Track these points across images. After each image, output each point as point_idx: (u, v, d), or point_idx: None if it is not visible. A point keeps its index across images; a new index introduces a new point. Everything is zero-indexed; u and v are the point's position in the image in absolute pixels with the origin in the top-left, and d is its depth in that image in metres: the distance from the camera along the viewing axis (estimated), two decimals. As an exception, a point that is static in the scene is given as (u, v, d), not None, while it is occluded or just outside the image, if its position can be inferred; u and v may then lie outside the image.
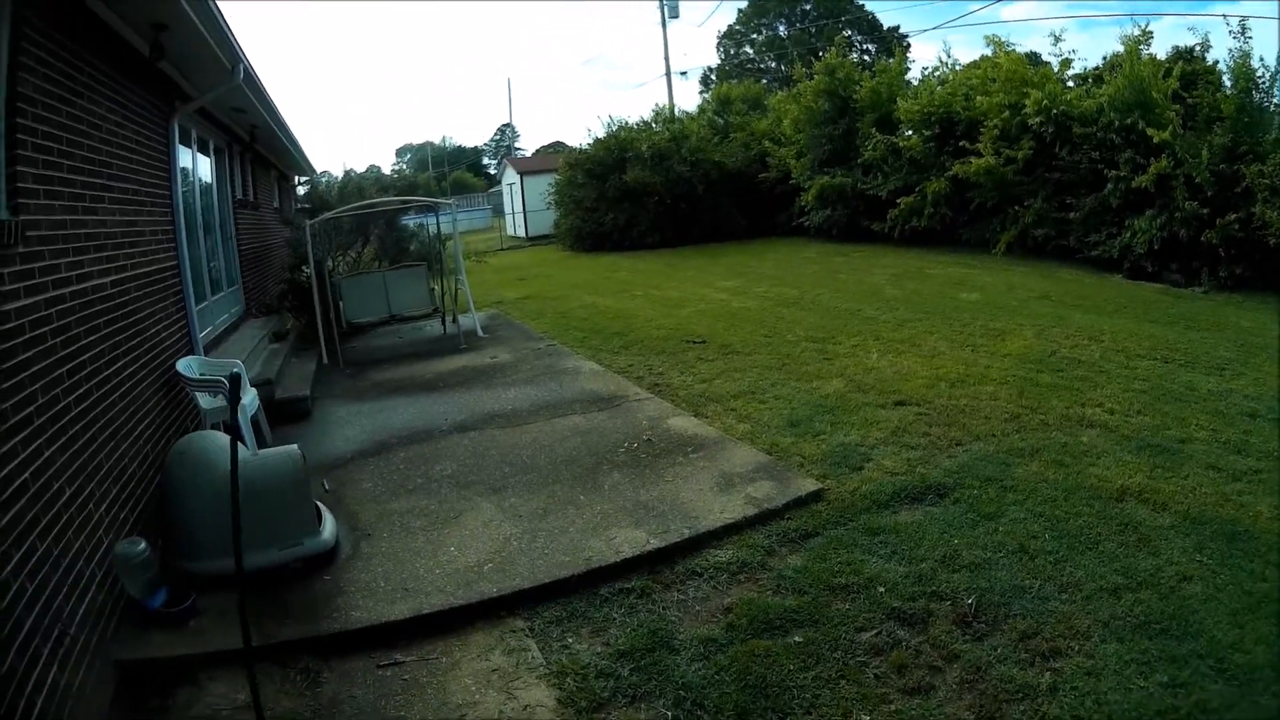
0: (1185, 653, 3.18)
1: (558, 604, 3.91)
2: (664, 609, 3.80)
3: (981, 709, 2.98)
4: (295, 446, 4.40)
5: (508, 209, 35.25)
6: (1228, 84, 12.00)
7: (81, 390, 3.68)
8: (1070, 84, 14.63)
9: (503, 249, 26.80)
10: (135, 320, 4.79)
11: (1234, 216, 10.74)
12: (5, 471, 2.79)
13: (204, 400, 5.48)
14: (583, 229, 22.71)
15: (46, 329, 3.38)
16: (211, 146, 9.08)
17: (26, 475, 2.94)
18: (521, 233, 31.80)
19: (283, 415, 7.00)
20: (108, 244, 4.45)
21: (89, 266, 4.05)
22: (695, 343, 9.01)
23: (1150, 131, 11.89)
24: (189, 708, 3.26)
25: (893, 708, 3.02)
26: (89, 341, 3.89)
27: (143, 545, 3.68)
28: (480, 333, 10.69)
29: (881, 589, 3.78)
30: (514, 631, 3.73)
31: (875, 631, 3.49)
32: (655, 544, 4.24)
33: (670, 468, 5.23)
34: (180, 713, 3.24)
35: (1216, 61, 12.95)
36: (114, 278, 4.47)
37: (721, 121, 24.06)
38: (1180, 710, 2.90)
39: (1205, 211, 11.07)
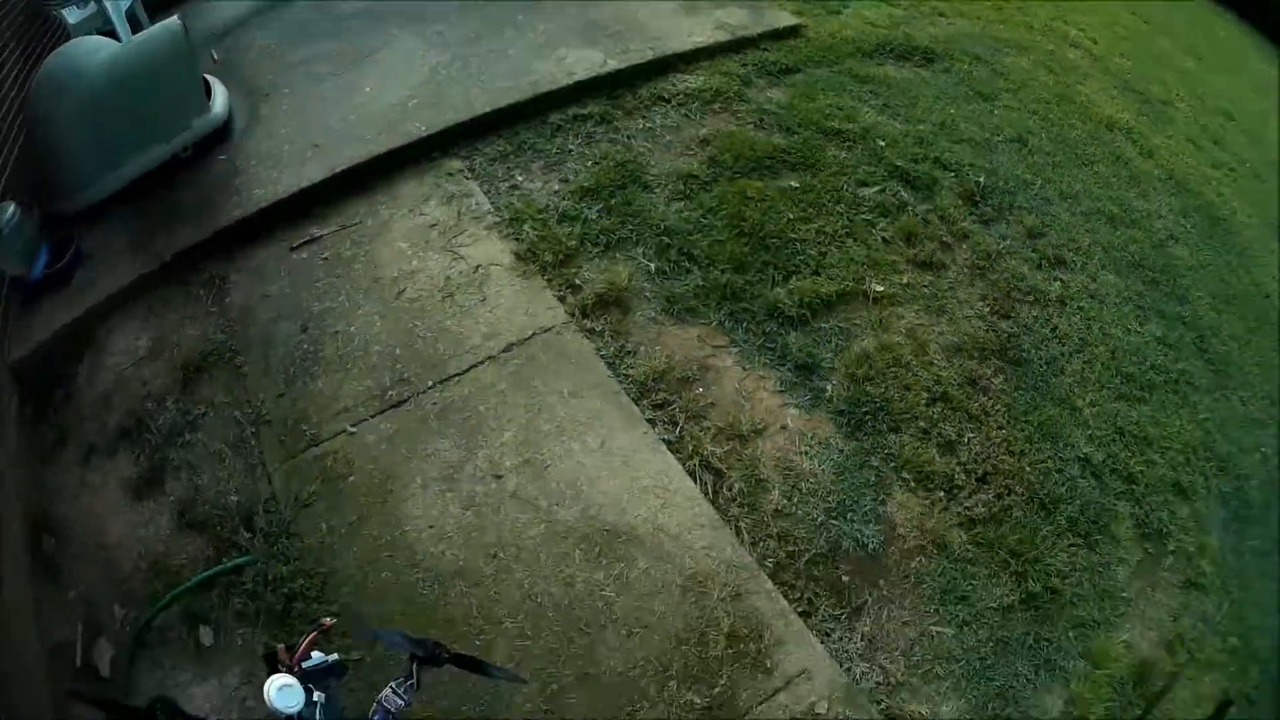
0: (1173, 315, 3.13)
1: (501, 138, 3.26)
2: (629, 138, 3.18)
3: (995, 302, 2.72)
4: (175, 18, 3.62)
5: None
6: None
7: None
8: None
9: None
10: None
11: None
12: None
13: (71, 15, 4.46)
14: None
15: None
16: None
17: None
18: None
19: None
20: None
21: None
22: None
23: None
24: (92, 382, 2.68)
25: (904, 279, 2.69)
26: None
27: (11, 208, 3.07)
28: None
29: (881, 143, 3.37)
30: (451, 175, 3.08)
31: (879, 188, 3.12)
32: (614, 65, 3.54)
33: (625, -12, 4.29)
34: (85, 393, 2.66)
35: None
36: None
37: None
38: (1170, 371, 2.87)
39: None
